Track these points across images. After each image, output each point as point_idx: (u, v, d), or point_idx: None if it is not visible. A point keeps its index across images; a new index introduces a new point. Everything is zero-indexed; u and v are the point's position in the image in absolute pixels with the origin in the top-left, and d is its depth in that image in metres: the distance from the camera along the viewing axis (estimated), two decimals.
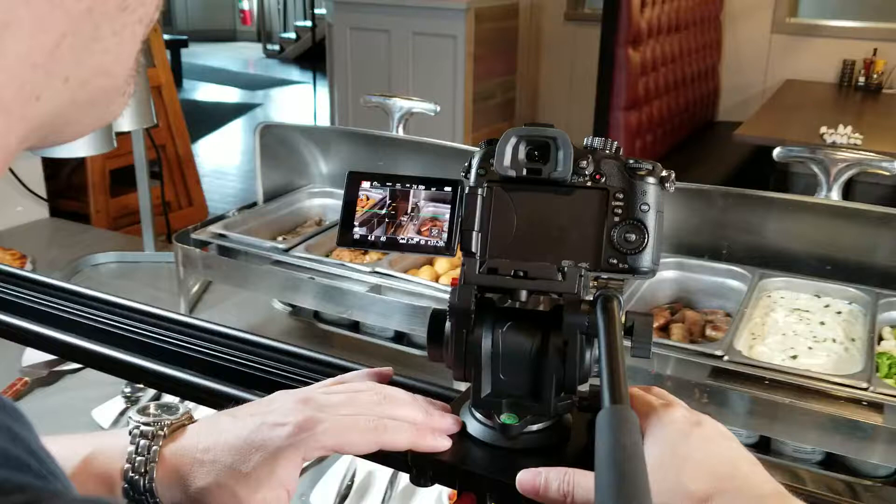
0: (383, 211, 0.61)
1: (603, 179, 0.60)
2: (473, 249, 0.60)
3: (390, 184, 0.62)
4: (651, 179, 0.60)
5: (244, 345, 0.81)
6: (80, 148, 1.47)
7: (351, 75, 4.90)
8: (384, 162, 1.59)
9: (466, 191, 0.61)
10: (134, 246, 1.94)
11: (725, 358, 1.02)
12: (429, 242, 0.61)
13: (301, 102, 8.06)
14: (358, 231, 0.62)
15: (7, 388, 1.26)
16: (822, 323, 1.13)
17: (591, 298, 0.57)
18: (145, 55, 1.66)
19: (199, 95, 8.07)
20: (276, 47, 10.55)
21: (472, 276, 0.59)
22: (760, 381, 1.01)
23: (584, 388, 0.61)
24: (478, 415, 0.61)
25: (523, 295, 0.59)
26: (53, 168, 2.23)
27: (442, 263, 1.33)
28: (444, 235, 0.60)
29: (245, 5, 11.65)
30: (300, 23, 10.46)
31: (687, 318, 1.21)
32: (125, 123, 1.63)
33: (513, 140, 0.60)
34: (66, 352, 0.89)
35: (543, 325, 0.59)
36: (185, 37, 8.71)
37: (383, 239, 0.61)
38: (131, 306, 0.91)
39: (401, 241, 0.61)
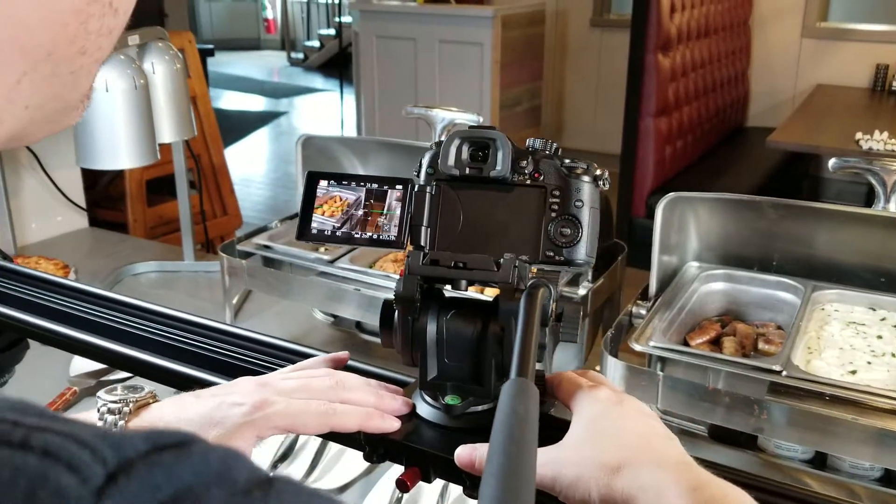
0: (340, 208, 0.66)
1: (541, 178, 0.64)
2: (422, 243, 0.64)
3: (346, 182, 0.67)
4: (586, 178, 0.64)
5: (284, 352, 0.82)
6: (124, 160, 1.48)
7: (377, 83, 4.92)
8: None
9: (416, 189, 0.65)
10: (172, 255, 1.95)
11: (784, 373, 1.00)
12: (381, 237, 0.65)
13: (325, 110, 8.10)
14: (315, 227, 0.66)
15: (57, 398, 1.27)
16: (880, 336, 1.11)
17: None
18: (183, 67, 1.67)
19: (224, 104, 8.13)
20: (300, 55, 10.61)
21: (415, 267, 0.63)
22: (819, 397, 1.00)
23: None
24: (426, 397, 0.66)
25: (463, 285, 0.63)
26: (91, 178, 2.24)
27: None
28: (395, 230, 0.65)
29: (269, 14, 11.74)
30: (324, 31, 10.52)
31: (738, 331, 1.19)
32: (166, 135, 1.64)
33: (456, 141, 0.64)
34: (113, 361, 0.90)
35: (484, 313, 0.64)
36: (211, 46, 8.78)
37: (339, 234, 0.66)
38: (177, 315, 0.92)
39: (355, 236, 0.66)
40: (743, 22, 4.62)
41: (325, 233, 0.66)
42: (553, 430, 0.59)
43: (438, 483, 1.07)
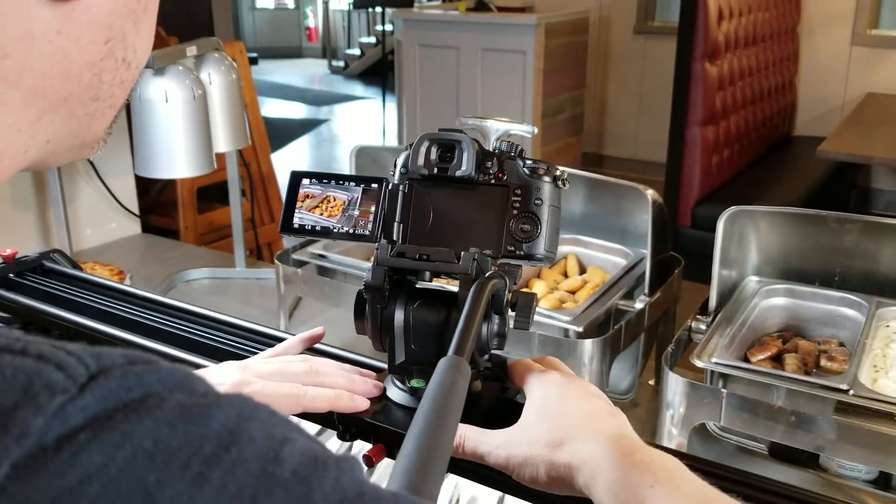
0: (320, 204, 0.71)
1: (504, 177, 0.69)
2: (395, 238, 0.69)
3: (326, 181, 0.72)
4: (546, 178, 0.68)
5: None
6: (182, 169, 1.50)
7: (419, 91, 4.94)
8: None
9: (389, 187, 0.70)
10: (223, 262, 1.98)
11: (851, 392, 0.98)
12: (356, 231, 0.70)
13: (365, 118, 8.14)
14: (297, 221, 0.71)
15: None
16: None
17: None
18: (238, 77, 1.69)
19: (267, 111, 8.22)
20: (341, 63, 10.69)
21: (384, 258, 0.67)
22: (887, 417, 0.97)
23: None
24: (396, 381, 0.71)
25: (427, 276, 0.67)
26: (143, 185, 2.28)
27: (539, 287, 1.32)
28: (371, 226, 0.70)
29: (311, 23, 11.86)
30: (364, 39, 10.59)
31: (800, 347, 1.17)
32: (222, 144, 1.67)
33: (426, 143, 0.68)
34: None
35: (448, 303, 0.68)
36: (254, 54, 8.88)
37: (318, 228, 0.71)
38: (232, 322, 0.93)
39: (333, 230, 0.71)
40: (791, 29, 4.55)
41: (306, 227, 0.71)
42: (516, 415, 0.63)
43: (493, 495, 1.07)
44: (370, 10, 9.79)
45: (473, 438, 0.62)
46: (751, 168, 4.02)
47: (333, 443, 1.10)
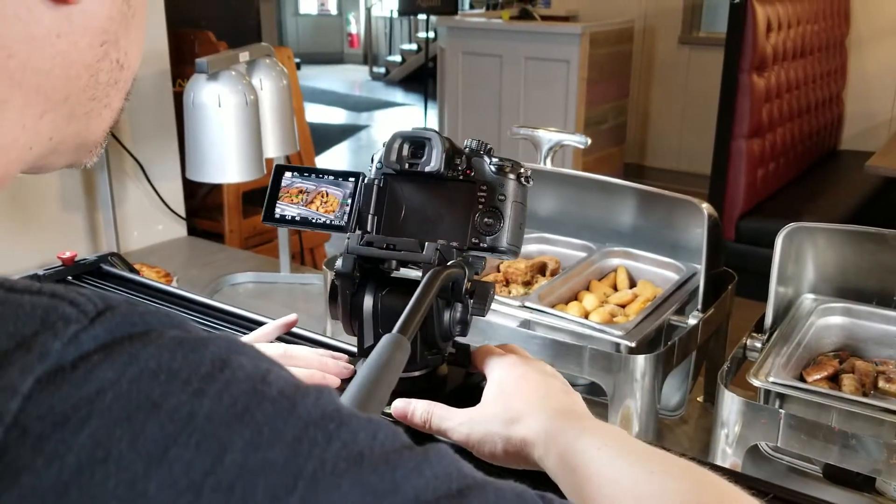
0: (301, 196, 0.76)
1: (472, 174, 0.73)
2: (369, 229, 0.73)
3: (308, 174, 0.76)
4: (511, 175, 0.72)
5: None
6: (233, 174, 1.52)
7: (461, 99, 4.94)
8: None
9: (365, 181, 0.75)
10: (268, 266, 1.99)
11: None
12: (333, 222, 0.74)
13: (406, 124, 8.17)
14: (279, 212, 0.76)
15: None
16: None
17: None
18: (289, 83, 1.70)
19: (307, 117, 8.28)
20: (382, 70, 10.75)
21: (353, 247, 0.72)
22: None
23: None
24: None
25: (394, 264, 0.72)
26: (189, 189, 2.31)
27: (590, 300, 1.30)
28: (346, 217, 0.74)
29: (353, 29, 11.95)
30: (406, 46, 10.64)
31: (857, 368, 1.14)
32: (271, 150, 1.68)
33: (398, 140, 0.72)
34: None
35: (414, 290, 0.68)
36: (297, 59, 8.97)
37: (297, 218, 0.75)
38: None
39: (311, 220, 0.75)
40: (839, 42, 4.47)
41: (287, 217, 0.76)
42: (479, 398, 0.67)
43: None
44: (414, 17, 9.84)
45: (440, 415, 0.67)
46: (796, 182, 3.95)
47: None
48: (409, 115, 8.55)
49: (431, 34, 6.72)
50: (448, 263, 0.69)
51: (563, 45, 4.47)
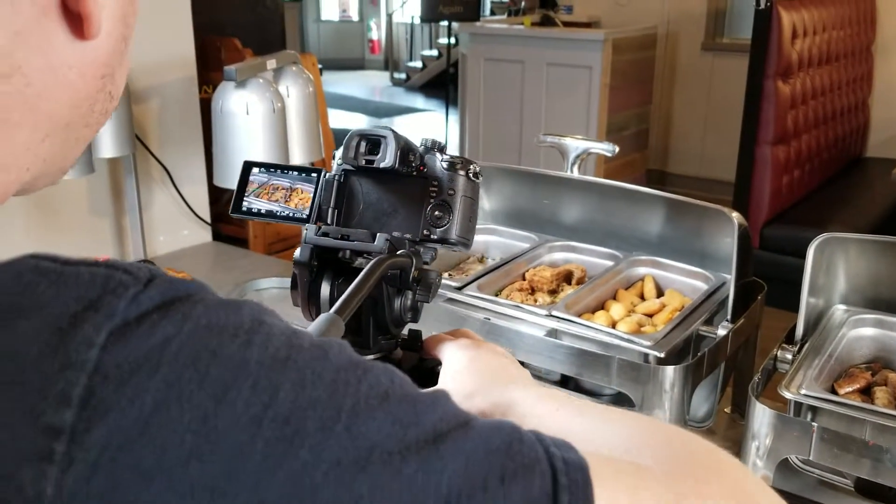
0: (266, 191, 0.80)
1: (425, 170, 0.78)
2: (329, 221, 0.78)
3: (273, 170, 0.81)
4: (461, 172, 0.78)
5: None
6: None
7: (483, 105, 4.94)
8: (549, 200, 1.57)
9: (326, 176, 0.79)
10: (291, 271, 1.99)
11: None
12: (295, 214, 0.79)
13: (426, 130, 8.18)
14: (246, 205, 0.80)
15: None
16: None
17: None
18: (314, 90, 1.71)
19: (330, 122, 8.33)
20: (403, 76, 10.78)
21: (310, 238, 0.75)
22: None
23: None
24: None
25: (348, 253, 0.75)
26: (214, 194, 2.32)
27: (617, 309, 1.30)
28: (307, 210, 0.78)
29: (374, 35, 12.00)
30: (426, 52, 10.67)
31: (890, 380, 1.13)
32: (297, 156, 1.68)
33: (356, 138, 0.77)
34: None
35: None
36: (319, 66, 9.02)
37: (263, 211, 0.80)
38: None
39: (276, 213, 0.79)
40: (865, 48, 4.43)
41: (253, 210, 0.80)
42: (435, 382, 0.70)
43: None
44: (435, 23, 9.86)
45: None
46: (821, 189, 3.91)
47: None
48: (430, 120, 8.56)
49: (452, 40, 6.73)
50: (397, 253, 0.73)
51: (586, 52, 4.46)
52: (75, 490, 0.28)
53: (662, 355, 1.09)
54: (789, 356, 1.12)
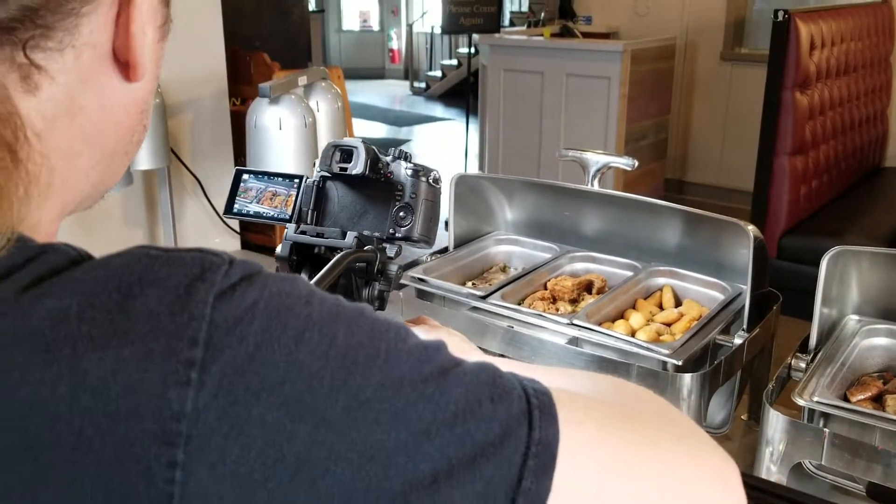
0: (256, 194, 0.91)
1: (391, 176, 0.89)
2: (308, 221, 0.89)
3: (262, 176, 0.92)
4: (423, 178, 0.89)
5: None
6: None
7: (502, 114, 4.99)
8: (570, 212, 1.62)
9: (306, 182, 0.90)
10: None
11: None
12: (279, 215, 0.90)
13: (445, 138, 8.25)
14: (237, 207, 0.92)
15: None
16: None
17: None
18: (343, 105, 1.77)
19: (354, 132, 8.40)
20: (423, 85, 10.86)
21: (289, 235, 0.86)
22: None
23: None
24: None
25: (323, 249, 0.84)
26: None
27: (636, 318, 1.34)
28: (290, 211, 0.90)
29: (394, 45, 12.10)
30: (446, 61, 10.74)
31: None
32: None
33: (331, 149, 0.86)
34: None
35: (346, 274, 0.81)
36: None
37: (251, 212, 0.91)
38: None
39: (263, 214, 0.91)
40: (884, 59, 4.45)
41: (243, 211, 0.92)
42: None
43: None
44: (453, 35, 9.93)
45: None
46: (840, 200, 3.93)
47: None
48: (450, 129, 8.62)
49: (472, 49, 6.79)
50: (364, 249, 0.83)
51: (605, 62, 4.50)
52: (206, 404, 0.38)
53: (680, 363, 1.13)
54: (803, 365, 1.16)
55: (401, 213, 0.88)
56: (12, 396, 0.37)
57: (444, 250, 1.64)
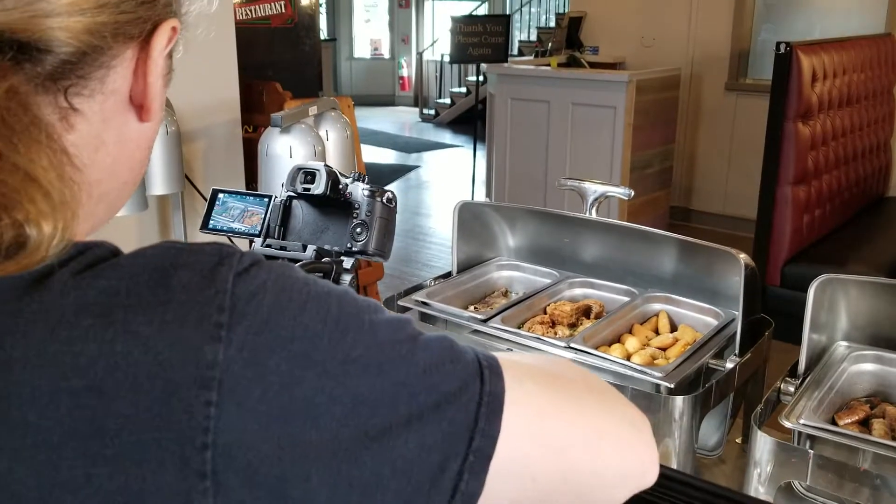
0: (230, 212, 1.01)
1: (350, 196, 0.99)
2: (275, 236, 0.99)
3: (235, 195, 1.03)
4: (378, 198, 1.00)
5: None
6: None
7: (509, 143, 5.06)
8: (570, 239, 1.67)
9: (274, 201, 1.01)
10: None
11: None
12: (249, 231, 1.01)
13: (453, 165, 8.32)
14: (212, 224, 1.02)
15: None
16: None
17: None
18: (352, 134, 1.83)
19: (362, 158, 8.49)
20: (432, 112, 10.98)
21: (256, 249, 0.98)
22: None
23: None
24: None
25: (285, 261, 1.03)
26: None
27: (632, 342, 1.38)
28: (259, 227, 1.01)
29: (404, 72, 12.24)
30: (455, 89, 10.86)
31: (888, 413, 1.20)
32: None
33: (296, 171, 0.97)
34: None
35: None
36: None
37: (225, 228, 1.02)
38: None
39: (236, 229, 1.02)
40: (887, 90, 4.50)
41: (217, 227, 1.02)
42: None
43: None
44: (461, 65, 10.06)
45: None
46: (842, 229, 3.97)
47: None
48: (458, 155, 8.70)
49: (481, 77, 6.88)
50: (322, 261, 0.92)
51: (610, 92, 4.57)
52: (233, 356, 0.46)
53: (672, 386, 1.17)
54: (792, 388, 1.20)
55: (357, 230, 0.98)
56: (81, 351, 0.46)
57: (448, 275, 1.69)
